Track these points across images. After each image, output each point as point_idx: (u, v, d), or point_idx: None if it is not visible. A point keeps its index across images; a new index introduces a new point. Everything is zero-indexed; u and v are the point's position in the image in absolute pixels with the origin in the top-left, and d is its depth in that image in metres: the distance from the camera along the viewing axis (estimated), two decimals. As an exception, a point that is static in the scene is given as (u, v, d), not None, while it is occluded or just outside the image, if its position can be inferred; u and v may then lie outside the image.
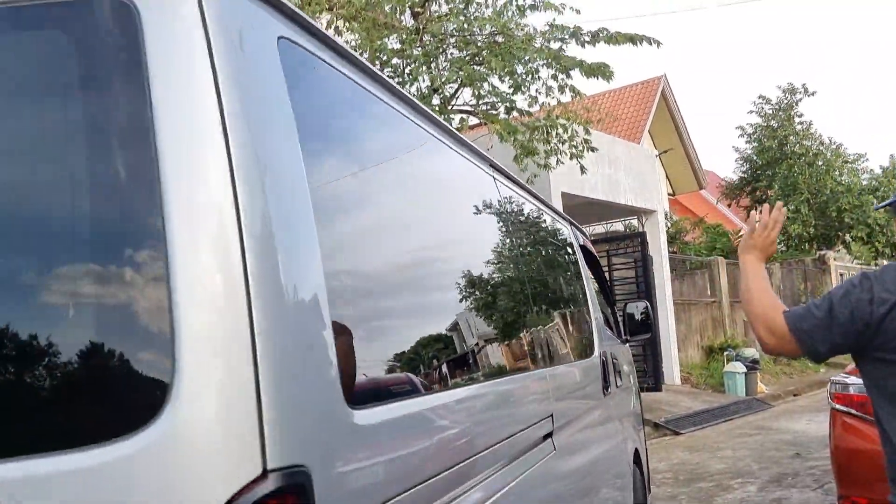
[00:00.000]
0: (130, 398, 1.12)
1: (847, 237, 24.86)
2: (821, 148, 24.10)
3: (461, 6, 8.93)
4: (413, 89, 9.35)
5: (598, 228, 16.42)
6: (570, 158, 9.83)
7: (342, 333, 1.35)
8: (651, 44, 8.01)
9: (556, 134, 9.30)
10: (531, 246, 3.43)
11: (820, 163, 23.81)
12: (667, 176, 24.48)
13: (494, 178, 2.83)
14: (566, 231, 4.18)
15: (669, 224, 20.08)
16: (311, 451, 1.18)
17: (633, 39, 8.01)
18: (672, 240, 19.18)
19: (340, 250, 1.52)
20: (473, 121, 10.17)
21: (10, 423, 1.13)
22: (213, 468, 1.08)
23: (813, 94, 24.03)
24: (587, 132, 9.32)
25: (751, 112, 25.08)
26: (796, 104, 24.21)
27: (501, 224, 2.88)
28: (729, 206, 26.59)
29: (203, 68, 1.19)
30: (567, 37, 8.23)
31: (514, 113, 9.38)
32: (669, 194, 24.94)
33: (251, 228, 1.16)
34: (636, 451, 4.58)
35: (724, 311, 17.97)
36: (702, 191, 28.62)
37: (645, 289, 13.16)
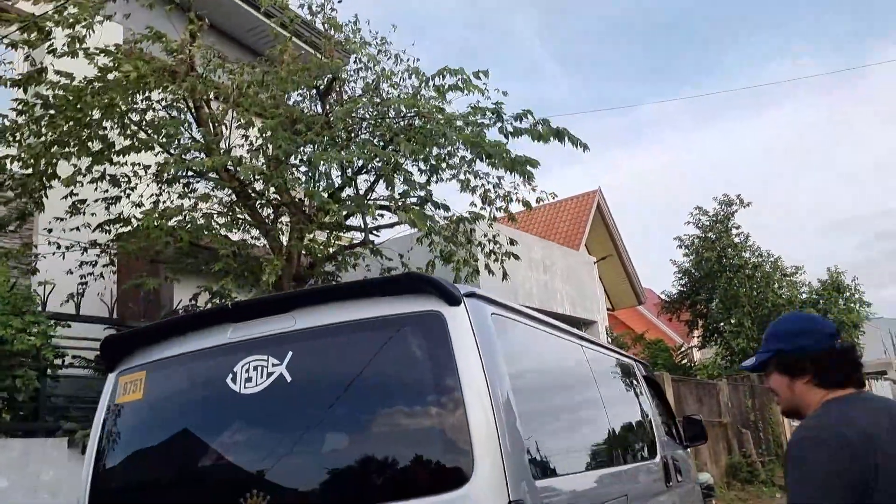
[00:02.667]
0: (456, 471, 2.82)
1: (789, 352, 24.16)
2: (760, 260, 23.71)
3: (372, 85, 7.94)
4: (322, 184, 8.22)
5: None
6: (494, 261, 8.71)
7: (529, 445, 3.13)
8: (577, 146, 7.05)
9: (481, 237, 8.21)
10: (619, 384, 5.47)
11: (759, 275, 23.35)
12: (605, 291, 23.71)
13: (602, 350, 5.34)
14: (635, 368, 6.01)
15: (609, 339, 19.05)
16: (523, 494, 2.86)
17: (559, 135, 7.04)
18: (614, 355, 18.06)
19: (526, 410, 3.23)
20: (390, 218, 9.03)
21: (401, 482, 2.92)
22: (488, 500, 2.74)
23: (748, 204, 23.83)
24: (511, 238, 8.23)
25: (688, 223, 24.74)
26: (732, 215, 23.97)
27: (602, 375, 4.93)
28: (669, 320, 25.79)
29: (468, 332, 3.03)
30: (489, 121, 7.22)
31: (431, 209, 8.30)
32: (608, 309, 24.10)
33: (494, 402, 2.91)
34: None
35: (673, 432, 16.68)
36: (640, 307, 28.00)
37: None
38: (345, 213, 8.72)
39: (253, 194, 7.76)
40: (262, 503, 2.93)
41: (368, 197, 8.70)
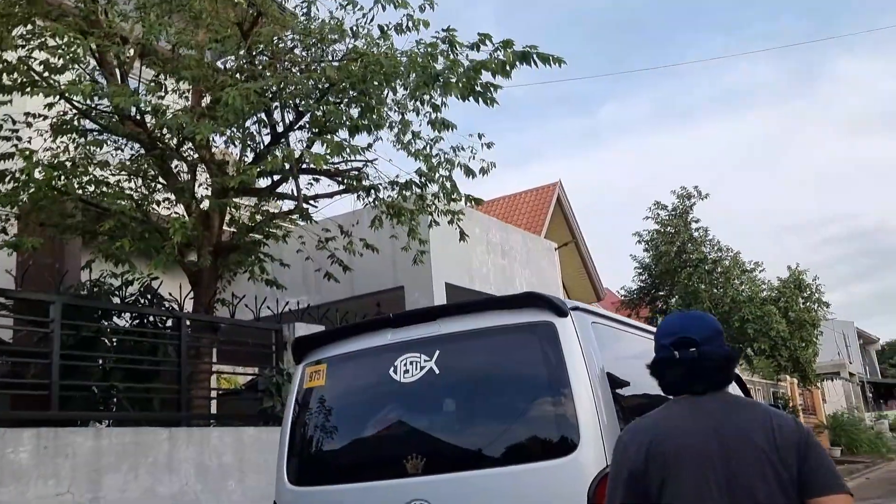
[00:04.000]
0: (566, 442, 3.58)
1: (749, 350, 23.67)
2: (719, 255, 23.16)
3: (302, 19, 6.89)
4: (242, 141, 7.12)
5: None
6: (449, 222, 7.75)
7: (623, 423, 3.60)
8: (550, 64, 6.01)
9: (437, 186, 7.26)
10: None
11: (719, 270, 22.81)
12: (564, 286, 22.91)
13: None
14: None
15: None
16: None
17: (525, 57, 6.00)
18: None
19: (621, 396, 3.91)
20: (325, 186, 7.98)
21: (525, 449, 3.79)
22: (591, 466, 3.41)
23: (706, 196, 23.28)
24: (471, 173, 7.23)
25: (647, 218, 24.11)
26: (691, 208, 23.38)
27: None
28: (629, 316, 25.11)
29: (574, 337, 3.74)
30: (438, 49, 6.17)
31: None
32: (567, 305, 23.27)
33: (595, 390, 3.63)
34: None
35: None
36: (599, 304, 27.33)
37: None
38: (277, 177, 7.66)
39: (161, 145, 6.64)
40: (420, 464, 3.87)
41: (302, 159, 7.67)
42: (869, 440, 28.08)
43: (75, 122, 6.85)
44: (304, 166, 7.70)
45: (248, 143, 6.85)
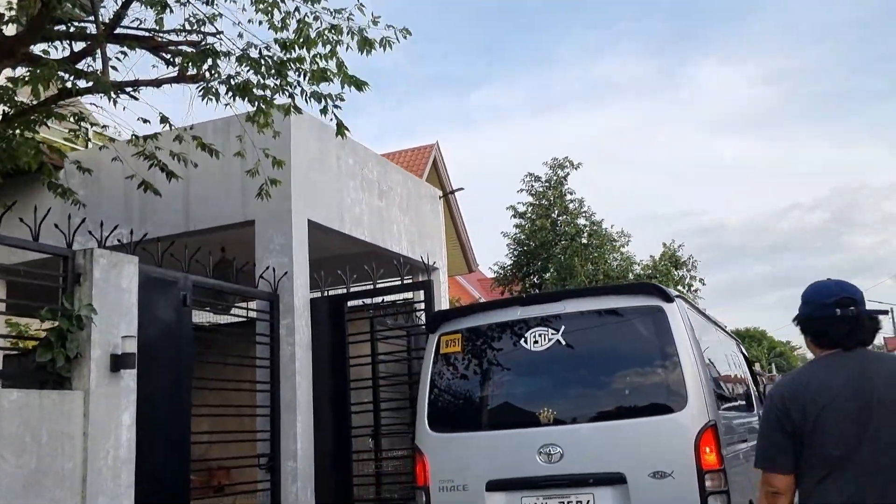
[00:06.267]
0: (676, 401, 4.86)
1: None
2: (593, 228, 22.20)
3: None
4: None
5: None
6: (323, 110, 5.83)
7: (714, 388, 5.25)
8: None
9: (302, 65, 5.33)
10: (736, 356, 7.68)
11: (595, 243, 21.85)
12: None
13: (723, 332, 7.67)
14: (739, 344, 8.78)
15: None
16: (715, 416, 4.88)
17: None
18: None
19: (710, 368, 5.44)
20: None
21: (644, 406, 5.04)
22: (696, 421, 4.78)
23: (579, 165, 22.24)
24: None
25: (521, 191, 22.82)
26: (564, 179, 22.30)
27: (729, 348, 7.36)
28: (502, 293, 23.81)
29: (680, 319, 5.04)
30: None
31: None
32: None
33: (693, 361, 4.93)
34: None
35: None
36: (465, 284, 26.05)
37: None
38: (77, 46, 5.46)
39: None
40: (551, 415, 4.99)
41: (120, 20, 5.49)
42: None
43: None
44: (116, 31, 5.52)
45: None
